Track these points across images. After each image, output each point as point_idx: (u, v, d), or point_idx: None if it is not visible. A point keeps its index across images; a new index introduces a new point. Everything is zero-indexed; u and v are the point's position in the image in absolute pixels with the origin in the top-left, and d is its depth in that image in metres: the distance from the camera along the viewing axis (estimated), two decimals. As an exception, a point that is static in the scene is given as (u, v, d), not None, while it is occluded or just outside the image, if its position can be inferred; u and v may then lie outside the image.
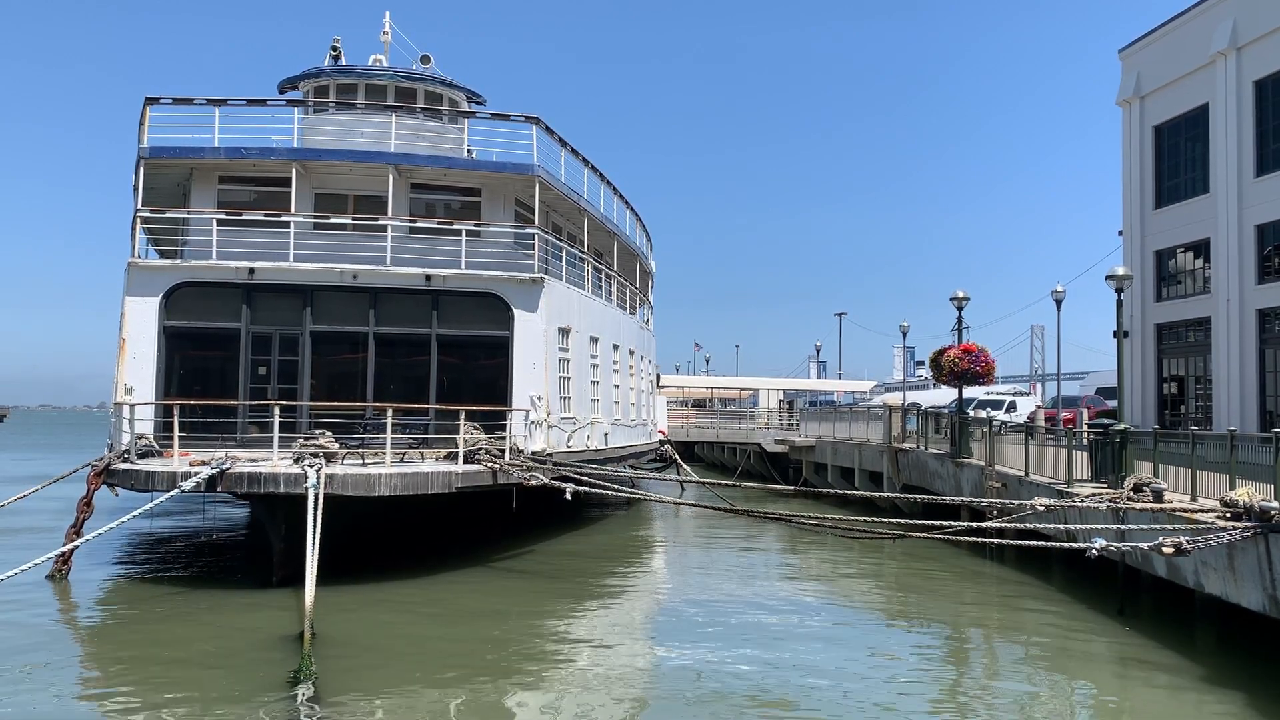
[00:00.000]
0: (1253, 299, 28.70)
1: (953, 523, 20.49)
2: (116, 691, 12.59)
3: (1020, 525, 18.40)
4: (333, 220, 25.23)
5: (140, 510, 18.01)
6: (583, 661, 14.22)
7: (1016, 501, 19.06)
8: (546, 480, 19.90)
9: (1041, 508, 17.92)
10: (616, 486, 21.86)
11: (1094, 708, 12.80)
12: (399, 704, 12.04)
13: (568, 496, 19.60)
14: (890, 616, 18.12)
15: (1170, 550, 14.10)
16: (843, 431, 38.41)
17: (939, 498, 19.99)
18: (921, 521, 20.95)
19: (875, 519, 19.85)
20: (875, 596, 20.10)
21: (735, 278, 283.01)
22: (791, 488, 20.95)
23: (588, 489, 21.02)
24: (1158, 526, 15.20)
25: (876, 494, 21.28)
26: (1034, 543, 17.16)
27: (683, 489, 32.27)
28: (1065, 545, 15.92)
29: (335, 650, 13.96)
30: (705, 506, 21.37)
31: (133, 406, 21.41)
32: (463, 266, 24.36)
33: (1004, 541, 18.80)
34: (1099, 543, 14.71)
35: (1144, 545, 14.90)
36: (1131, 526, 15.97)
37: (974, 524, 18.78)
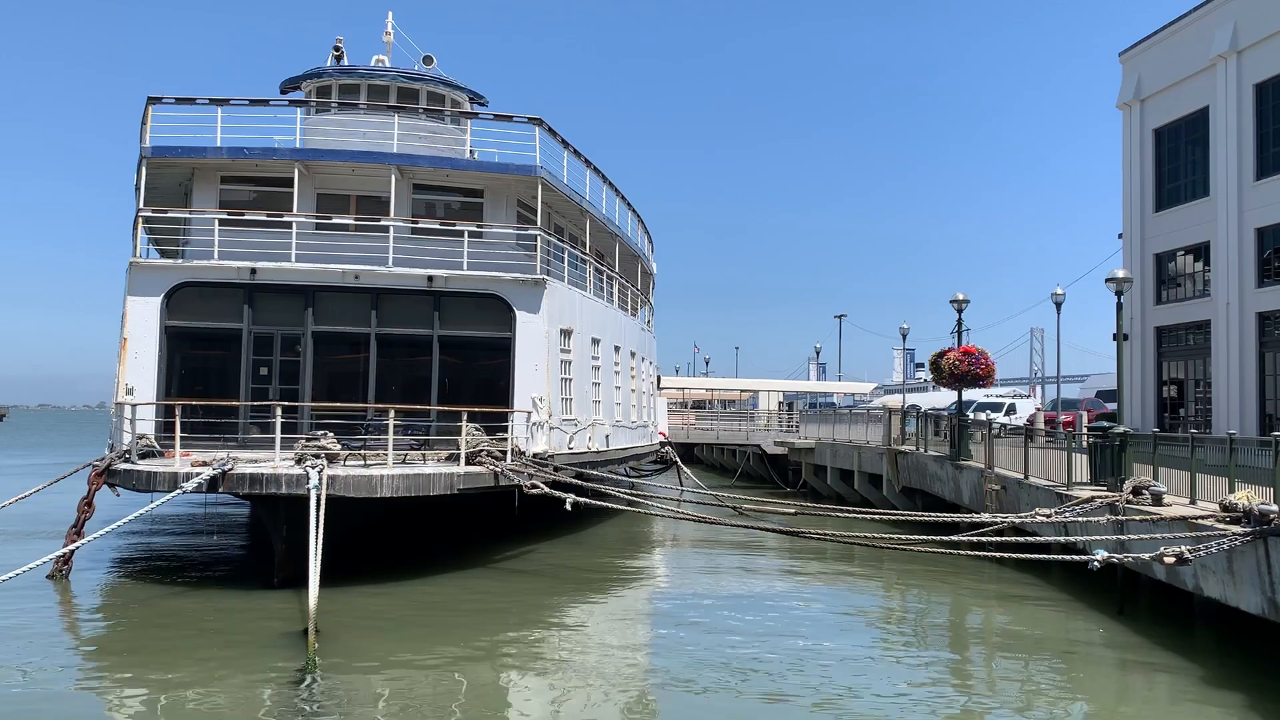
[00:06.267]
0: (1252, 302, 28.77)
1: (953, 532, 20.48)
2: (119, 692, 12.62)
3: (1022, 539, 18.37)
4: (335, 220, 25.26)
5: (141, 511, 18.03)
6: (584, 659, 14.26)
7: (1019, 517, 19.07)
8: (546, 490, 19.80)
9: (1044, 518, 17.97)
10: (616, 495, 21.81)
11: (1093, 708, 12.83)
12: (403, 700, 12.08)
13: (568, 507, 19.47)
14: (890, 615, 18.17)
15: (1172, 560, 14.13)
16: (842, 433, 38.46)
17: (941, 515, 20.02)
18: (922, 537, 21.00)
19: (876, 536, 19.83)
20: (875, 595, 20.15)
21: (735, 279, 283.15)
22: (793, 510, 20.93)
23: (588, 500, 20.90)
24: (1158, 536, 15.22)
25: (879, 512, 21.31)
26: (1036, 555, 17.11)
27: (681, 496, 32.24)
28: (1068, 558, 15.94)
29: (338, 649, 13.99)
30: (709, 520, 21.37)
31: (134, 406, 21.42)
32: (464, 267, 24.38)
33: (1006, 555, 18.74)
34: (1100, 554, 14.71)
35: (1145, 555, 14.92)
36: (1133, 536, 15.99)
37: (973, 535, 18.74)
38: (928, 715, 12.10)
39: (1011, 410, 43.80)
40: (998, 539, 18.48)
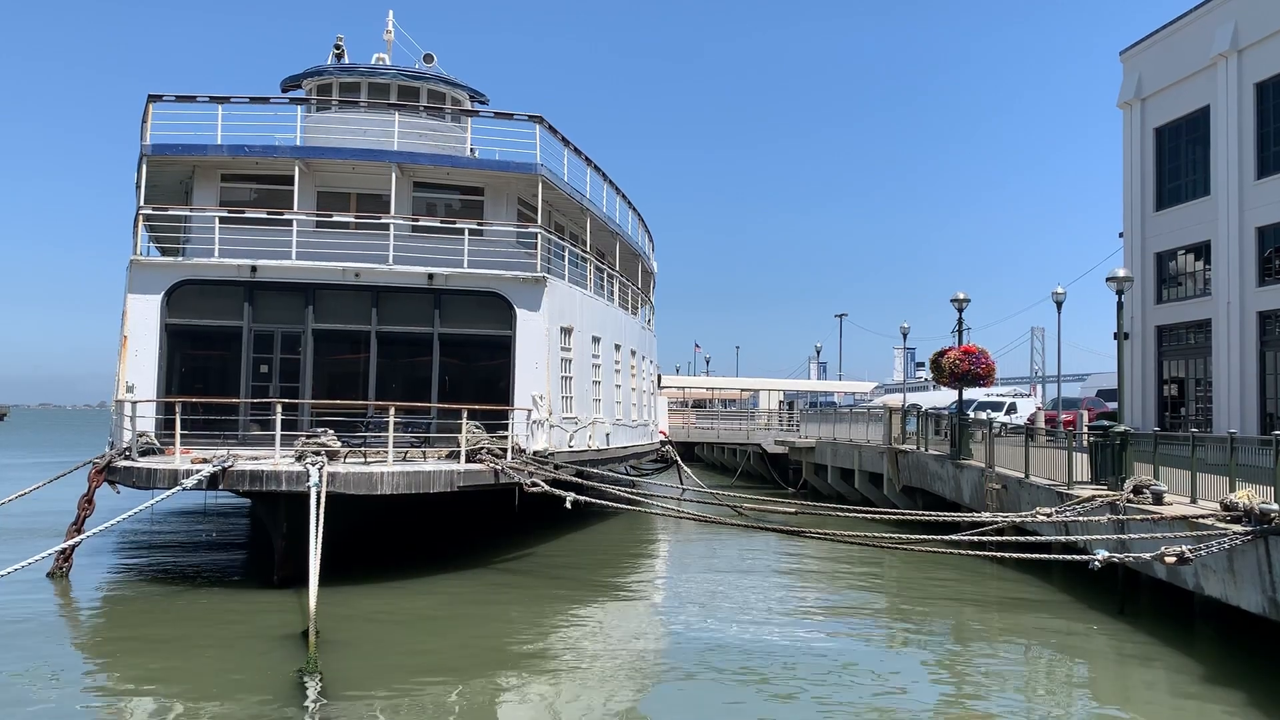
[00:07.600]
0: (1253, 301, 28.75)
1: (953, 531, 20.49)
2: (119, 691, 12.61)
3: (1022, 538, 18.38)
4: (335, 218, 25.25)
5: (141, 508, 18.03)
6: (585, 657, 14.25)
7: (1019, 516, 19.07)
8: (546, 488, 19.79)
9: (1044, 518, 17.97)
10: (617, 493, 21.79)
11: (1094, 707, 12.83)
12: (404, 701, 12.07)
13: (568, 505, 19.46)
14: (890, 615, 18.15)
15: (1173, 559, 14.12)
16: (843, 433, 38.45)
17: (941, 514, 20.00)
18: (922, 536, 20.98)
19: (876, 536, 19.86)
20: (875, 594, 20.13)
21: (736, 278, 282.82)
22: (794, 509, 21.01)
23: (588, 499, 20.89)
24: (1159, 535, 15.22)
25: (879, 512, 21.35)
26: (1037, 554, 17.13)
27: (681, 495, 32.31)
28: (1068, 558, 15.95)
29: (338, 648, 13.97)
30: (709, 520, 21.42)
31: (134, 404, 21.42)
32: (465, 265, 24.37)
33: (1006, 554, 18.76)
34: (1101, 554, 14.71)
35: (1146, 555, 14.92)
36: (1133, 536, 15.99)
37: (974, 535, 18.74)
38: (927, 715, 12.09)
39: (1012, 409, 43.75)
40: (998, 538, 18.48)
